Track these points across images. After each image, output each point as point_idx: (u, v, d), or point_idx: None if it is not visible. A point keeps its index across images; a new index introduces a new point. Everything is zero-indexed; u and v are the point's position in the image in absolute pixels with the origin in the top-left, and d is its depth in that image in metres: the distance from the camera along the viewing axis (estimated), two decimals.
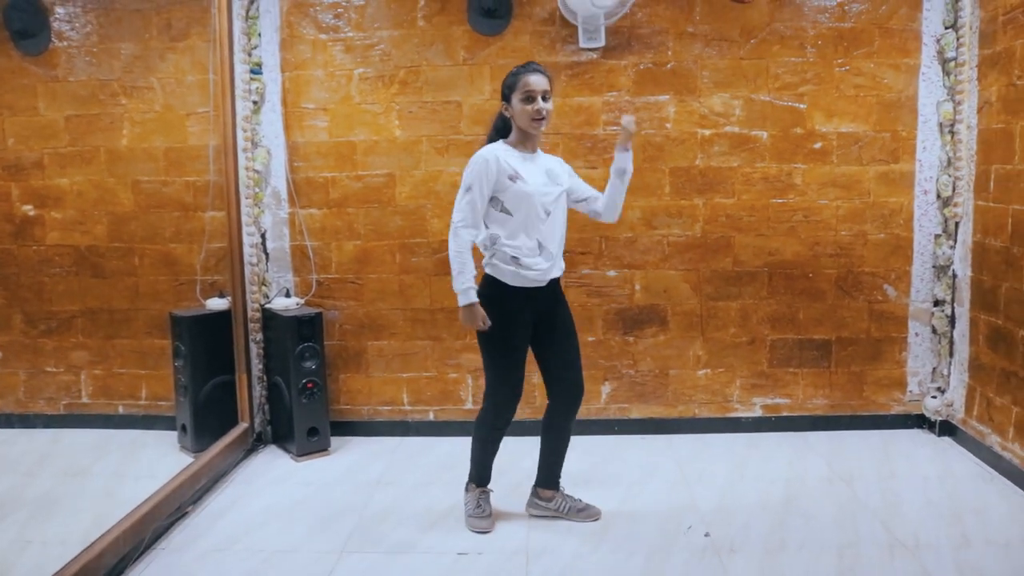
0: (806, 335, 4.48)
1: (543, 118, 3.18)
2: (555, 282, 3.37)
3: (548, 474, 3.57)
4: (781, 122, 4.35)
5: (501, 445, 3.55)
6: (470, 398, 4.54)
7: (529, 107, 3.15)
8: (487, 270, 3.30)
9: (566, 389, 3.45)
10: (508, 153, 3.23)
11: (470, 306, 3.19)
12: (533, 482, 3.61)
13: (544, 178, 3.26)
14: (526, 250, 3.21)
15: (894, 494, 3.71)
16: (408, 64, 4.36)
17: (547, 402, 3.51)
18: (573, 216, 3.64)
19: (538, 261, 3.22)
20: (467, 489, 3.58)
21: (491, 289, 3.27)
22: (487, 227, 3.24)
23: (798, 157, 4.37)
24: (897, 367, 4.50)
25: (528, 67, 3.20)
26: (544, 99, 3.15)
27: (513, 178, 3.16)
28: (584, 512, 3.53)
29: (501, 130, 3.37)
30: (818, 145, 4.36)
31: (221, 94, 4.17)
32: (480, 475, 3.55)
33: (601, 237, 4.41)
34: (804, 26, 4.32)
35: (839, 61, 4.32)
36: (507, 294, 3.25)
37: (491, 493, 3.57)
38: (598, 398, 4.52)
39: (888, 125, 4.36)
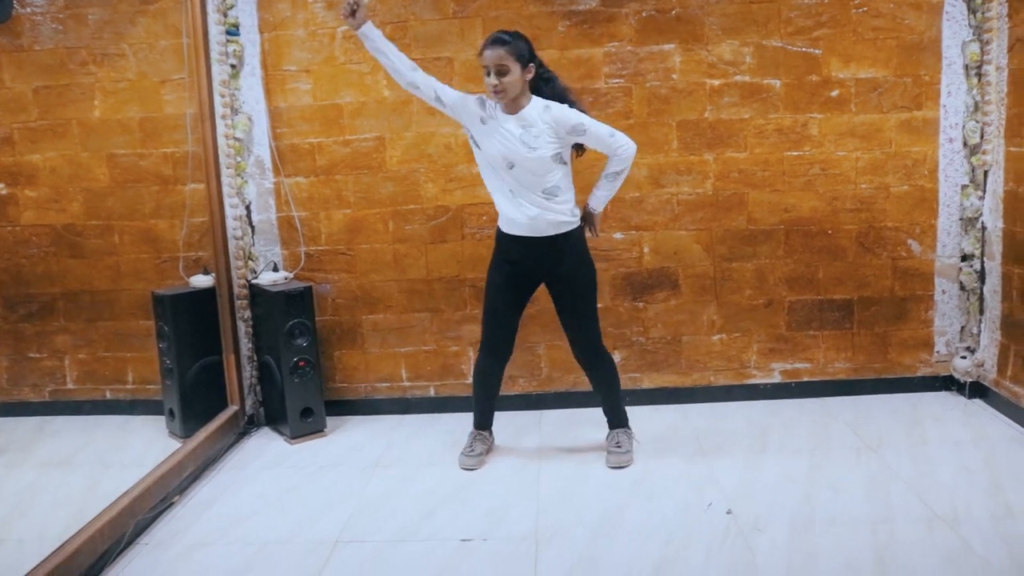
0: (826, 296, 4.25)
1: (499, 91, 3.21)
2: (555, 240, 3.39)
3: (607, 416, 3.75)
4: (795, 69, 4.10)
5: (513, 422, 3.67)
6: (471, 371, 4.30)
7: (488, 80, 3.23)
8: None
9: (575, 345, 3.58)
10: (488, 108, 3.34)
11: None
12: None
13: (512, 137, 3.26)
14: (496, 190, 3.39)
15: (927, 462, 3.47)
16: (394, 19, 4.10)
17: None
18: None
19: (508, 207, 3.35)
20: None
21: (497, 230, 3.51)
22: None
23: (814, 106, 4.12)
24: (923, 327, 4.26)
25: (487, 39, 3.24)
26: (499, 73, 3.18)
27: (484, 121, 3.30)
28: (610, 455, 3.62)
29: None
30: (835, 93, 4.11)
31: (195, 58, 3.93)
32: (477, 419, 3.76)
33: None
34: None
35: (856, 2, 4.05)
36: (499, 237, 3.49)
37: (487, 436, 3.77)
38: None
39: (910, 69, 4.10)
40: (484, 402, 3.71)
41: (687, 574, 2.71)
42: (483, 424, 3.75)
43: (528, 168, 3.27)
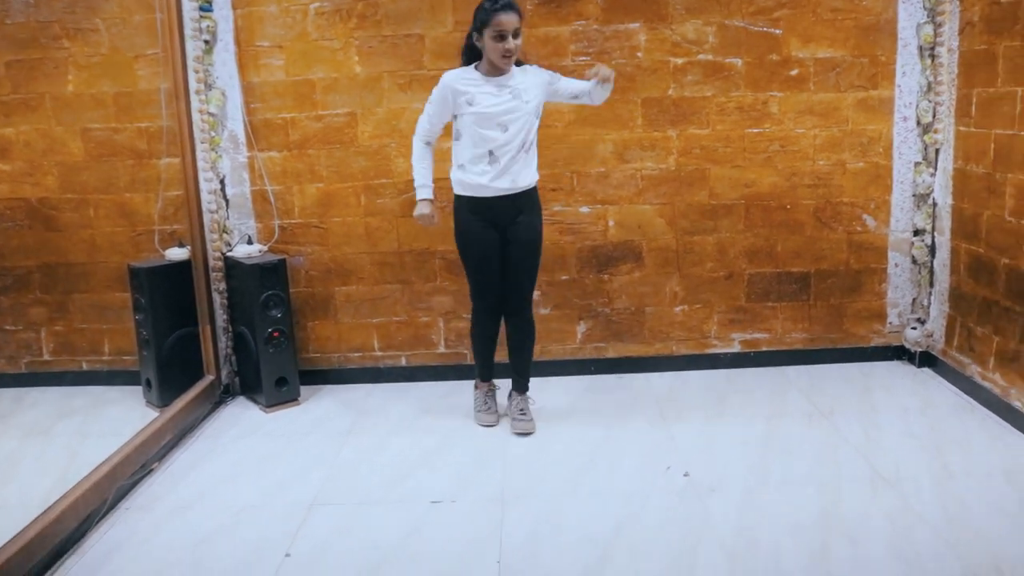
0: (784, 268, 4.39)
1: (511, 54, 3.35)
2: (515, 198, 3.53)
3: (513, 381, 3.88)
4: (756, 49, 4.20)
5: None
6: (442, 342, 4.44)
7: (500, 45, 3.32)
8: (452, 180, 3.60)
9: (514, 297, 3.71)
10: (470, 77, 3.45)
11: (421, 202, 3.60)
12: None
13: (505, 97, 3.41)
14: (473, 157, 3.45)
15: (875, 427, 3.65)
16: None
17: None
18: (542, 152, 3.61)
19: (484, 169, 3.44)
20: (475, 387, 3.97)
21: (455, 199, 3.61)
22: (455, 119, 3.51)
23: (774, 85, 4.23)
24: (877, 299, 4.42)
25: (501, 3, 3.30)
26: (515, 36, 3.32)
27: (470, 102, 3.39)
28: (516, 422, 3.77)
29: (472, 50, 3.51)
30: (794, 72, 4.22)
31: (169, 34, 3.97)
32: (481, 371, 3.93)
33: (572, 172, 4.28)
34: None
35: None
36: (462, 205, 3.57)
37: (497, 389, 3.97)
38: (573, 338, 4.43)
39: (866, 50, 4.21)
40: (487, 358, 3.88)
41: (645, 533, 2.86)
42: (490, 375, 3.93)
43: (520, 125, 3.42)
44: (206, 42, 4.17)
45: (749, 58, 4.20)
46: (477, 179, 3.46)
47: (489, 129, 3.40)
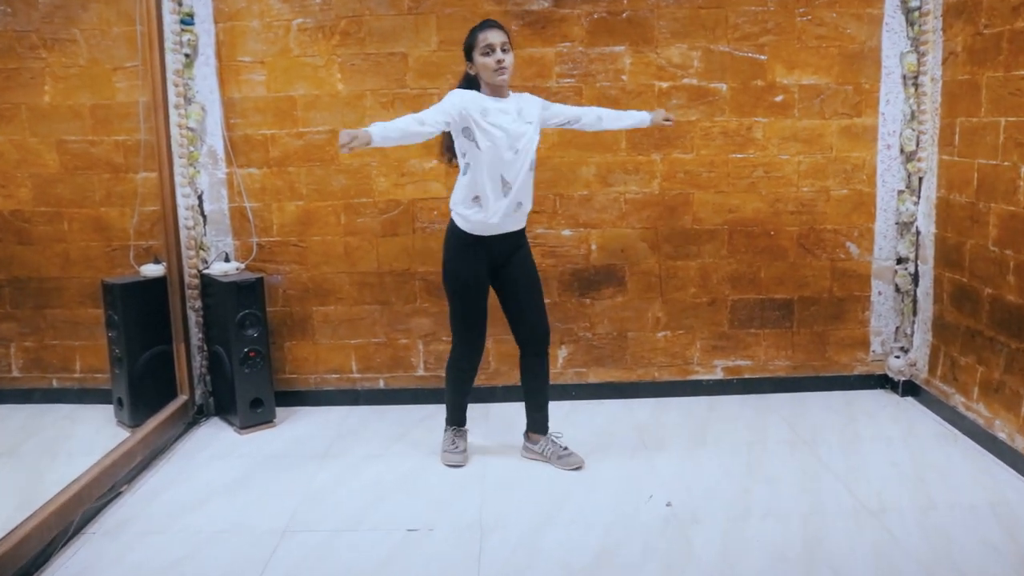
0: (767, 295, 4.36)
1: (505, 67, 3.28)
2: (515, 234, 3.47)
3: (531, 419, 3.70)
4: (741, 74, 4.20)
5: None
6: (422, 364, 4.37)
7: (490, 59, 3.27)
8: (453, 212, 3.41)
9: (530, 330, 3.56)
10: (481, 96, 3.32)
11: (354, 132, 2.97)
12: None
13: (515, 120, 3.33)
14: (489, 190, 3.29)
15: (858, 457, 3.62)
16: (349, 14, 4.12)
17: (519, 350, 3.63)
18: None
19: (497, 203, 3.30)
20: (444, 429, 3.76)
21: (451, 228, 3.44)
22: (462, 154, 3.33)
23: (759, 110, 4.22)
24: (860, 327, 4.40)
25: (485, 24, 3.32)
26: (503, 50, 3.28)
27: (484, 114, 3.25)
28: (564, 459, 3.59)
29: (470, 87, 3.41)
30: (779, 98, 4.22)
31: (148, 47, 3.91)
32: (454, 416, 3.74)
33: (556, 195, 4.24)
34: None
35: (800, 11, 4.16)
36: (460, 237, 3.40)
37: (467, 432, 3.78)
38: (555, 362, 4.37)
39: (851, 77, 4.22)
40: (464, 399, 3.71)
41: (626, 564, 2.80)
42: (463, 420, 3.75)
43: (529, 147, 3.35)
44: (187, 56, 4.12)
45: (734, 83, 4.20)
46: (491, 219, 3.32)
47: (502, 150, 3.26)
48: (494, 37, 3.26)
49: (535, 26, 4.13)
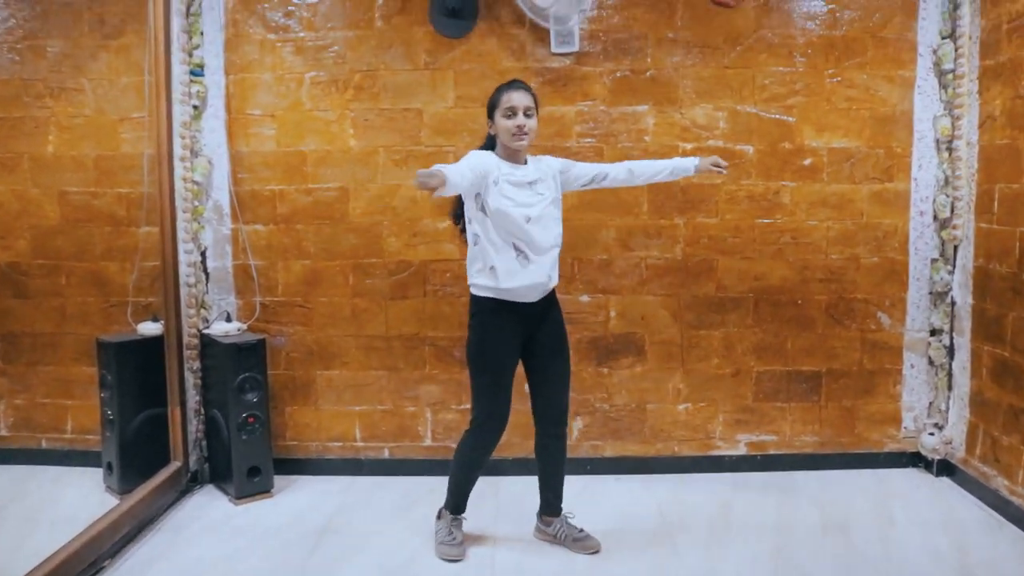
0: (794, 367, 4.16)
1: (524, 133, 3.12)
2: (549, 296, 3.28)
3: (544, 500, 3.46)
4: (768, 136, 4.06)
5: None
6: (429, 434, 4.16)
7: (510, 123, 3.11)
8: (472, 288, 3.21)
9: (550, 407, 3.35)
10: (497, 160, 3.16)
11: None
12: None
13: (526, 191, 3.15)
14: (501, 258, 3.10)
15: (895, 545, 3.37)
16: (364, 68, 4.02)
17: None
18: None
19: (515, 269, 3.10)
20: (439, 516, 3.45)
21: (473, 303, 3.22)
22: (471, 222, 3.16)
23: (786, 174, 4.07)
24: (891, 401, 4.19)
25: (512, 84, 3.19)
26: (526, 115, 3.13)
27: (496, 180, 3.08)
28: (581, 543, 3.37)
29: (489, 150, 3.26)
30: (808, 161, 4.07)
31: (156, 98, 3.80)
32: (456, 503, 3.41)
33: (573, 259, 4.08)
34: (793, 33, 4.04)
35: (830, 72, 4.05)
36: (487, 308, 3.18)
37: (464, 520, 3.44)
38: (570, 435, 4.13)
39: (882, 141, 4.08)
40: (472, 485, 3.40)
41: None
42: (463, 508, 3.42)
43: (545, 215, 3.16)
44: (195, 107, 4.03)
45: (761, 145, 4.06)
46: (509, 282, 3.10)
47: (514, 219, 3.06)
48: (518, 99, 3.12)
49: (556, 84, 4.02)
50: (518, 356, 3.26)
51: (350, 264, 4.10)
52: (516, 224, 3.07)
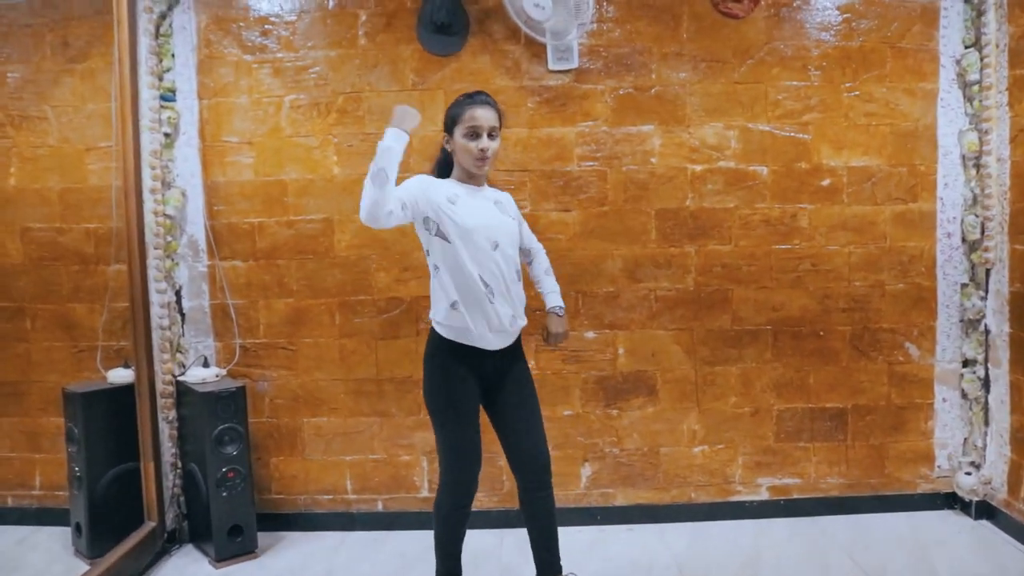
0: (818, 403, 3.88)
1: (487, 157, 2.82)
2: (509, 347, 2.93)
3: (540, 560, 3.04)
4: (783, 155, 3.80)
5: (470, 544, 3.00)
6: (425, 484, 3.86)
7: (472, 144, 2.80)
8: (433, 323, 2.87)
9: (527, 459, 2.96)
10: (450, 183, 2.88)
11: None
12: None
13: (491, 209, 2.88)
14: (464, 294, 2.77)
15: None
16: (348, 89, 3.77)
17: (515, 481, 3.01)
18: None
19: (481, 311, 2.78)
20: None
21: (432, 342, 2.88)
22: (429, 253, 2.84)
23: (803, 196, 3.81)
24: (923, 438, 3.90)
25: (475, 98, 2.85)
26: (490, 136, 2.82)
27: (452, 200, 2.78)
28: None
29: (443, 165, 2.98)
30: (826, 182, 3.81)
31: (122, 125, 3.52)
32: (448, 568, 3.00)
33: (577, 292, 3.80)
34: (807, 45, 3.79)
35: (847, 85, 3.80)
36: (445, 349, 2.85)
37: None
38: (577, 482, 3.87)
39: (904, 158, 3.82)
40: (459, 544, 3.01)
41: None
42: (458, 570, 3.03)
43: (511, 242, 2.87)
44: (167, 135, 3.77)
45: (776, 166, 3.80)
46: (475, 325, 2.78)
47: (478, 244, 2.76)
48: (484, 118, 2.79)
49: (554, 103, 3.75)
50: (480, 402, 2.92)
51: (336, 302, 3.82)
52: (481, 250, 2.76)
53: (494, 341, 2.81)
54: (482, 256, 2.76)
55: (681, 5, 3.77)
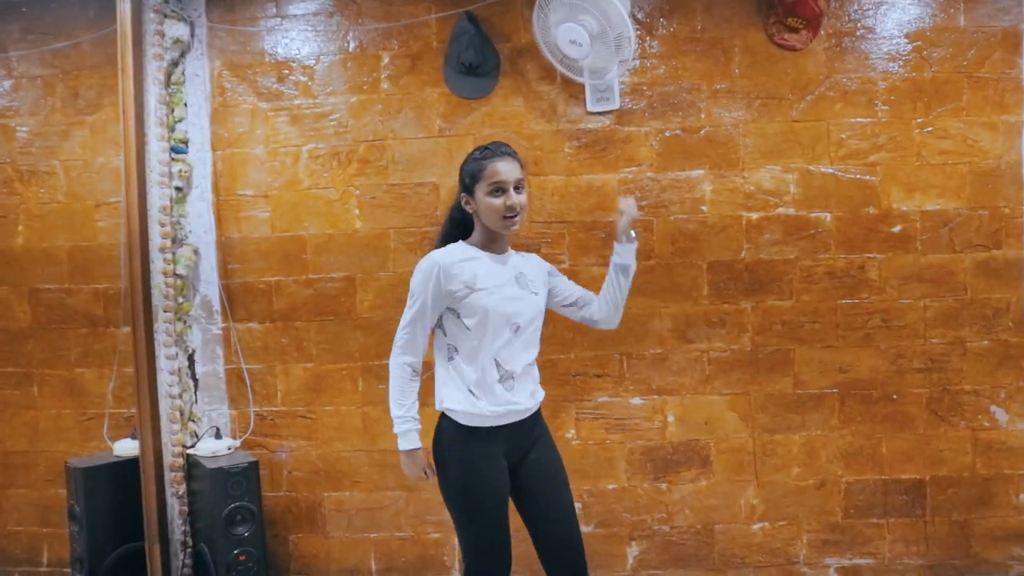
0: (892, 475, 3.58)
1: (516, 215, 2.58)
2: (535, 417, 2.69)
3: None
4: (848, 200, 3.56)
5: None
6: (456, 564, 3.63)
7: (498, 202, 2.56)
8: (445, 411, 2.63)
9: (555, 550, 2.67)
10: (467, 255, 2.61)
11: (411, 452, 2.62)
12: None
13: (512, 287, 2.62)
14: (480, 378, 2.55)
15: None
16: (370, 137, 3.62)
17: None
18: (584, 330, 3.00)
19: (497, 394, 2.55)
20: None
21: (447, 432, 2.62)
22: (444, 334, 2.62)
23: (872, 244, 3.55)
24: (1015, 514, 3.57)
25: (494, 150, 2.63)
26: (517, 190, 2.58)
27: (470, 286, 2.54)
28: None
29: (460, 226, 2.72)
30: (897, 228, 3.54)
31: (128, 179, 3.39)
32: None
33: (622, 355, 3.56)
34: (872, 78, 3.55)
35: (919, 121, 3.54)
36: (467, 436, 2.59)
37: None
38: (623, 564, 3.61)
39: (986, 200, 3.54)
40: None
41: None
42: None
43: (532, 322, 2.62)
44: (178, 189, 3.66)
45: (840, 212, 3.56)
46: (493, 407, 2.55)
47: (499, 329, 2.55)
48: (507, 171, 2.55)
49: (593, 148, 3.53)
50: (508, 489, 2.66)
51: (359, 366, 3.64)
52: (500, 334, 2.55)
53: (517, 412, 2.57)
54: (499, 340, 2.55)
55: (732, 38, 3.53)
